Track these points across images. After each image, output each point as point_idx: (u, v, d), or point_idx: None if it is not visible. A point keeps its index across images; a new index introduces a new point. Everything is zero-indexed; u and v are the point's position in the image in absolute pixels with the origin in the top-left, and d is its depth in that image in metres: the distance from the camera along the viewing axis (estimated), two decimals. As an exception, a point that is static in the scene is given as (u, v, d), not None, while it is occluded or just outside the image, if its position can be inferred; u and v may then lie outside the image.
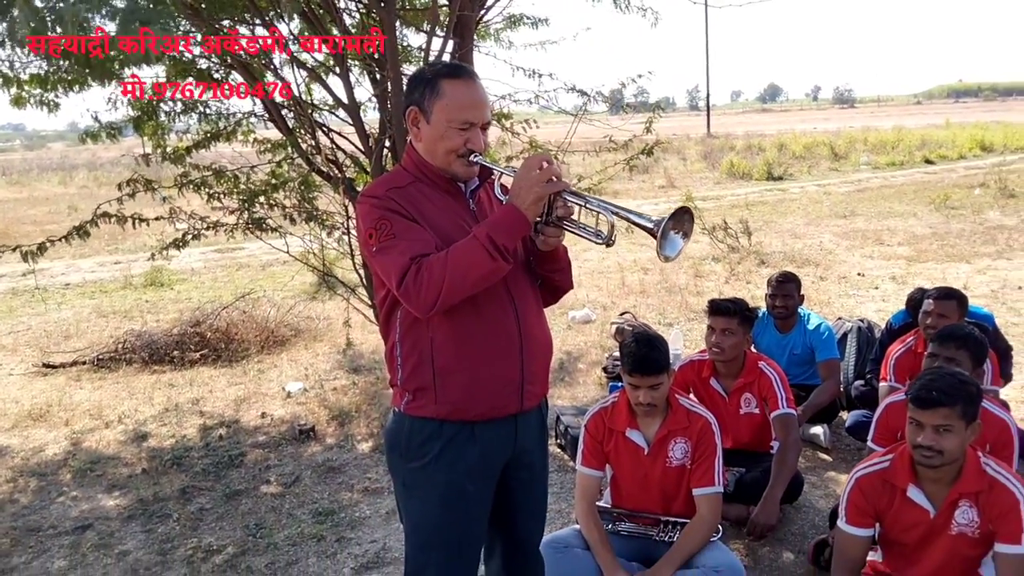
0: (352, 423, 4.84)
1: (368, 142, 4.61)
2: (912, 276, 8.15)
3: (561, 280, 2.21)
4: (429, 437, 2.05)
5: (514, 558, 2.34)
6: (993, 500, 2.47)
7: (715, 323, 3.65)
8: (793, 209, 13.91)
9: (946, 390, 2.42)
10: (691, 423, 3.06)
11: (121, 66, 4.40)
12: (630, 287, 8.38)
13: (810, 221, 12.41)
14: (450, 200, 2.08)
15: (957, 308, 3.85)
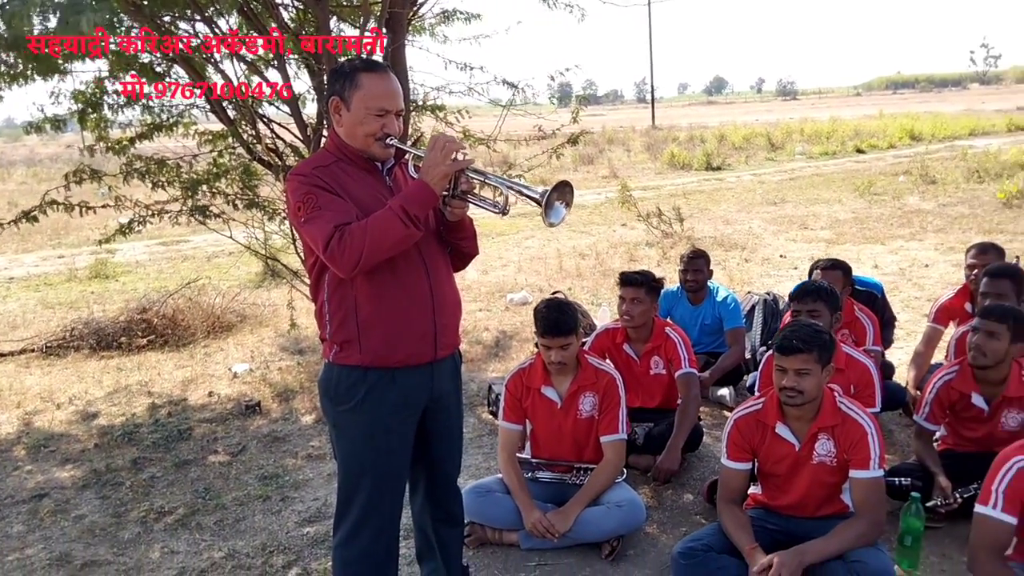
0: (296, 399, 5.13)
1: (307, 131, 4.88)
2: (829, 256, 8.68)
3: (468, 247, 2.55)
4: (355, 383, 2.37)
5: (433, 489, 2.68)
6: (846, 432, 2.89)
7: (625, 293, 4.03)
8: (727, 197, 14.49)
9: (804, 339, 2.82)
10: (598, 379, 3.43)
11: (64, 60, 4.61)
12: (567, 271, 8.77)
13: (742, 208, 12.98)
14: (369, 177, 2.40)
15: (842, 277, 4.30)
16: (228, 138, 5.31)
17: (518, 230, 11.75)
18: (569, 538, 3.22)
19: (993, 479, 2.59)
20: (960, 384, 3.43)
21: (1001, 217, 10.52)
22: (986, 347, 3.27)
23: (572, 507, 3.25)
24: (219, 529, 3.61)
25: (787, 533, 2.96)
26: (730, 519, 2.98)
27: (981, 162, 15.80)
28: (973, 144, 21.60)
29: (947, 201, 12.26)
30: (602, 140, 27.95)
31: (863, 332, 4.23)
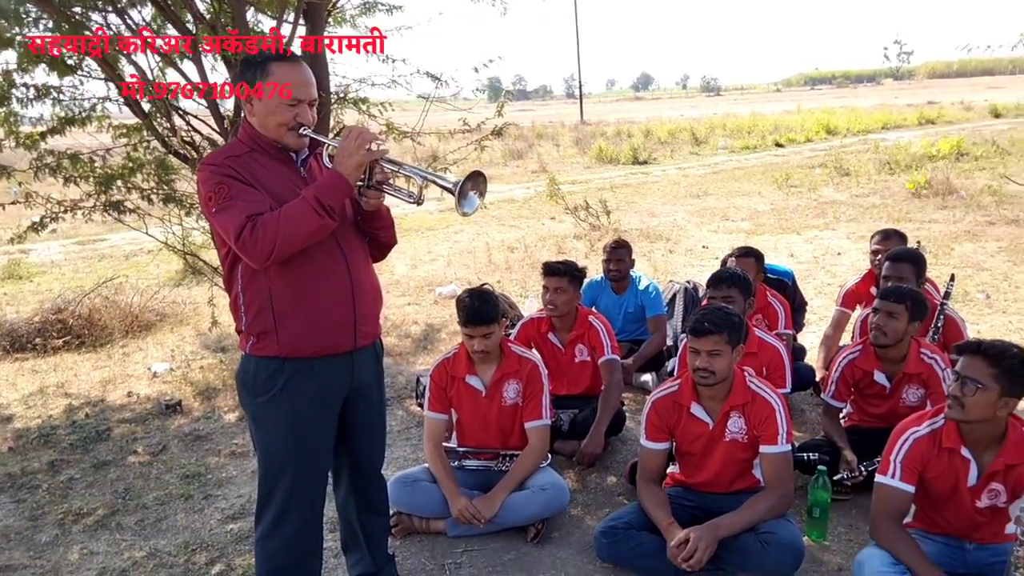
0: (218, 396, 5.04)
1: (224, 124, 4.79)
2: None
3: (386, 236, 2.56)
4: (273, 374, 2.37)
5: (357, 479, 2.70)
6: (756, 410, 3.02)
7: (549, 283, 4.09)
8: (653, 190, 14.76)
9: (715, 321, 2.94)
10: (521, 366, 3.49)
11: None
12: (496, 264, 8.82)
13: (667, 201, 13.25)
14: (283, 168, 2.39)
15: (755, 264, 4.47)
16: (143, 131, 5.17)
17: (448, 224, 11.75)
18: (495, 523, 3.27)
19: (891, 450, 2.74)
20: (863, 363, 3.61)
21: (910, 207, 11.01)
22: (886, 327, 3.45)
23: (498, 493, 3.31)
24: (140, 529, 3.54)
25: (703, 509, 3.08)
26: (649, 497, 3.09)
27: (892, 154, 16.48)
28: (885, 137, 22.51)
29: (859, 192, 12.76)
30: (532, 135, 28.10)
31: (775, 317, 4.41)
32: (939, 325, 3.97)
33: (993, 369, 2.50)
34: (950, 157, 15.67)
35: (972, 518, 2.70)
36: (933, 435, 2.70)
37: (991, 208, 10.39)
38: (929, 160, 15.50)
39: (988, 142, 17.43)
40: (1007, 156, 15.64)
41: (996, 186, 11.26)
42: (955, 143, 16.45)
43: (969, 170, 14.06)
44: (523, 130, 27.70)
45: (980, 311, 6.15)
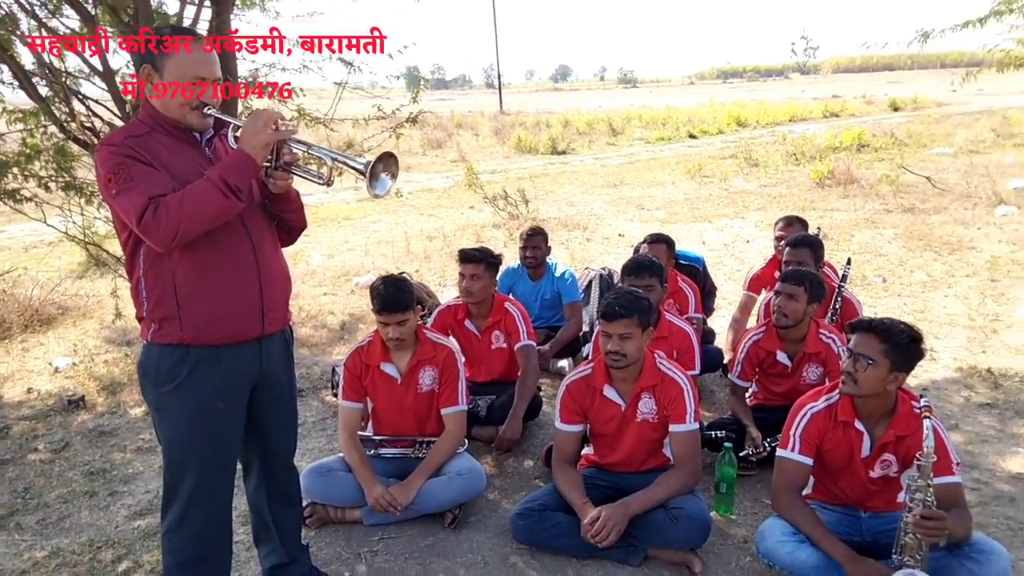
0: (124, 391, 4.86)
1: (126, 108, 4.61)
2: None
3: (294, 219, 2.52)
4: (177, 362, 2.30)
5: (268, 470, 2.65)
6: (665, 390, 3.11)
7: (465, 270, 4.10)
8: (571, 180, 14.93)
9: (625, 305, 3.00)
10: (437, 353, 3.49)
11: None
12: (415, 254, 8.77)
13: (584, 190, 13.42)
14: (187, 148, 2.32)
15: (666, 250, 4.58)
16: (40, 116, 4.92)
17: (365, 214, 11.61)
18: (412, 510, 3.27)
19: (791, 425, 2.87)
20: (767, 343, 3.76)
21: (814, 196, 11.46)
22: (786, 308, 3.60)
23: (414, 480, 3.30)
24: (41, 528, 3.39)
25: (616, 488, 3.15)
26: (564, 479, 3.14)
27: (798, 146, 17.08)
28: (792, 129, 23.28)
29: (767, 182, 13.21)
30: (451, 124, 27.97)
31: (685, 301, 4.53)
32: (837, 307, 4.16)
33: (883, 345, 2.64)
34: (852, 149, 16.37)
35: (866, 488, 2.85)
36: (829, 410, 2.83)
37: (889, 197, 10.91)
38: (832, 151, 16.15)
39: (887, 134, 18.28)
40: (904, 148, 16.43)
41: (894, 176, 11.81)
42: (856, 135, 17.17)
43: (869, 161, 14.71)
44: (442, 119, 27.56)
45: (877, 294, 6.46)
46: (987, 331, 5.53)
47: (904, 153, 15.43)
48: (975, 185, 11.12)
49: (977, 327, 5.61)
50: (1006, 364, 4.89)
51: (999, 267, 7.12)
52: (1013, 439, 3.98)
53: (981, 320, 5.75)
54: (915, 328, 2.70)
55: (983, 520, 3.25)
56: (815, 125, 24.82)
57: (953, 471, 2.66)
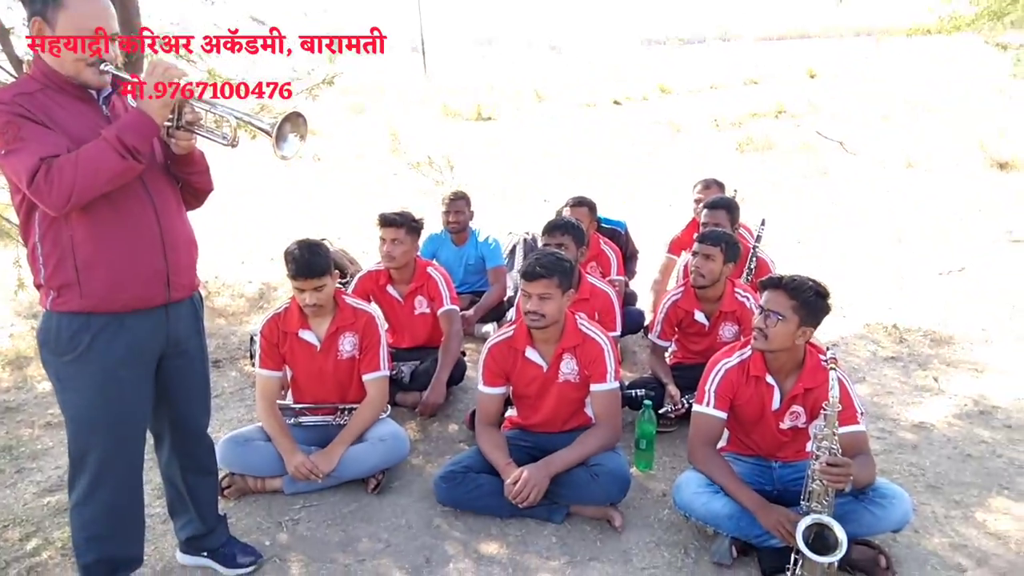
0: (31, 365, 4.65)
1: (22, 68, 4.34)
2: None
3: (200, 182, 2.42)
4: (78, 330, 2.20)
5: (180, 440, 2.58)
6: (586, 351, 3.14)
7: (385, 234, 4.04)
8: (497, 146, 14.84)
9: (545, 266, 3.01)
10: (357, 318, 3.43)
11: None
12: (337, 221, 8.61)
13: (510, 157, 13.37)
14: (83, 107, 2.19)
15: (588, 213, 4.61)
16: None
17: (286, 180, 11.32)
18: (334, 477, 3.23)
19: (706, 381, 2.94)
20: (684, 303, 3.83)
21: (735, 161, 11.71)
22: (703, 268, 3.67)
23: (336, 447, 3.26)
24: (-62, 513, 3.23)
25: (540, 448, 3.18)
26: (487, 440, 3.15)
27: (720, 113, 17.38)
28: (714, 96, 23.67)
29: (690, 148, 13.42)
30: (374, 90, 27.44)
31: (608, 264, 4.58)
32: (752, 266, 4.26)
33: (792, 301, 2.72)
34: (771, 115, 16.75)
35: (777, 439, 2.95)
36: (742, 365, 2.91)
37: (805, 162, 11.22)
38: (752, 118, 16.49)
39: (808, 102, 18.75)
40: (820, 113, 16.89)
41: (810, 142, 12.16)
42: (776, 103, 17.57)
43: (787, 128, 15.09)
44: (366, 85, 26.98)
45: (792, 255, 6.66)
46: (893, 289, 5.78)
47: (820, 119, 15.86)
48: (886, 149, 11.54)
49: (884, 285, 5.86)
50: (910, 320, 5.12)
51: (906, 228, 7.43)
52: (916, 390, 4.18)
53: (888, 278, 6.00)
54: (822, 284, 2.79)
55: (887, 467, 3.42)
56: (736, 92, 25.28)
57: (858, 420, 2.77)
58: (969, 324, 5.05)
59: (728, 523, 2.74)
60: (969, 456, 3.53)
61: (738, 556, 2.77)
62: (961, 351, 4.66)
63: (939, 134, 12.63)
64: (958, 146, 11.26)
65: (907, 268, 6.26)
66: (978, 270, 6.14)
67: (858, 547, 2.72)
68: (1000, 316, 5.17)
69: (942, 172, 10.02)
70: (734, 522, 2.73)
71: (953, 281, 5.93)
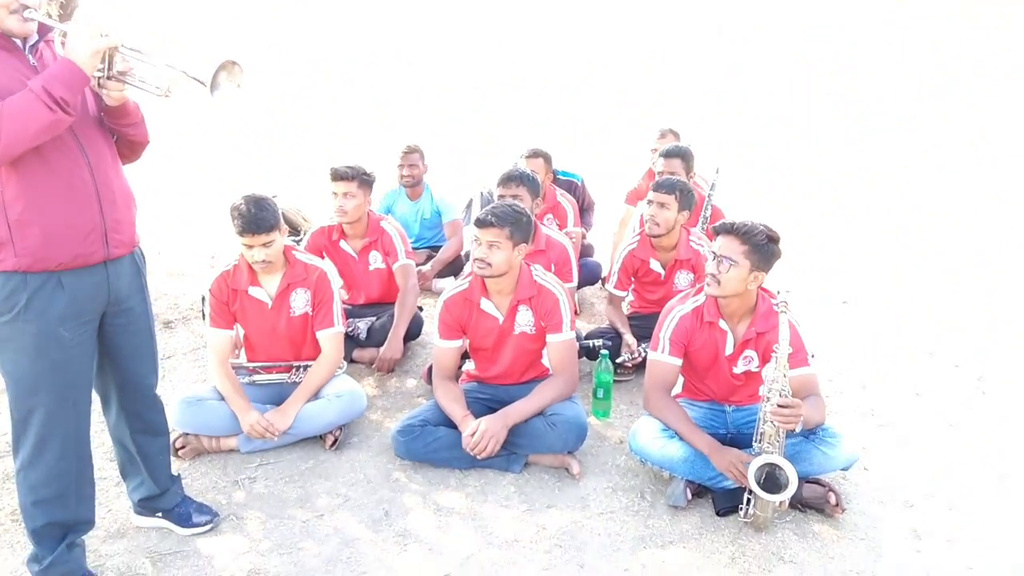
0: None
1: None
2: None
3: (135, 134, 2.33)
4: (14, 290, 2.12)
5: (128, 400, 2.52)
6: (542, 302, 3.13)
7: (337, 188, 3.94)
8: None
9: (499, 215, 2.98)
10: (308, 274, 3.36)
11: None
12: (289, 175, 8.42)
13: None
14: (7, 56, 2.08)
15: (543, 164, 4.57)
16: None
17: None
18: (291, 435, 3.21)
19: (660, 328, 2.96)
20: (640, 252, 3.84)
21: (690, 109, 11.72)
22: (658, 217, 3.67)
23: (291, 404, 3.22)
24: None
25: (498, 400, 3.19)
26: (444, 393, 3.15)
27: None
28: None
29: (654, 99, 13.38)
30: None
31: (564, 216, 4.57)
32: (707, 215, 4.28)
33: (744, 246, 2.74)
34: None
35: (730, 383, 2.99)
36: (695, 311, 2.93)
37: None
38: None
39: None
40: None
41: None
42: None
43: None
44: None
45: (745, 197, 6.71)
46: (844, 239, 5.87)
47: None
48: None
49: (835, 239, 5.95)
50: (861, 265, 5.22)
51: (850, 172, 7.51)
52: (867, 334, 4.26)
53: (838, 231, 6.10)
54: (772, 229, 2.80)
55: (837, 407, 3.50)
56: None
57: (807, 362, 2.82)
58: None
59: (683, 466, 2.78)
60: (918, 395, 3.62)
61: (692, 498, 2.83)
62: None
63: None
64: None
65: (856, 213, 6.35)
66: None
67: (809, 485, 2.80)
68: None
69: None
70: (688, 465, 2.78)
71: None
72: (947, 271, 5.24)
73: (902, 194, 7.20)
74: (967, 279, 5.11)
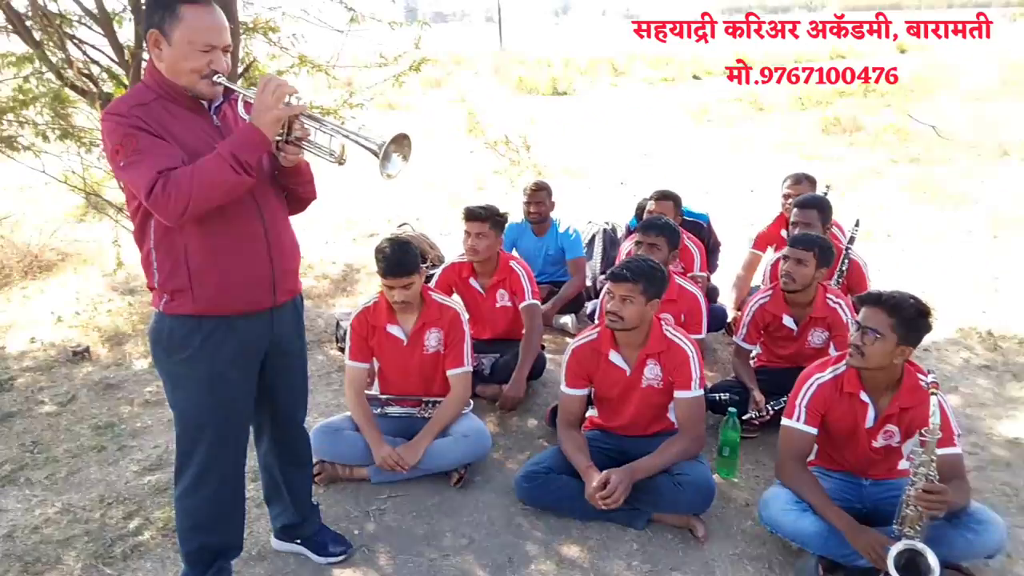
0: (128, 342, 4.87)
1: (124, 55, 4.50)
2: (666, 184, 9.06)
3: (305, 191, 2.49)
4: (189, 332, 2.30)
5: (279, 433, 2.68)
6: (671, 357, 3.12)
7: (470, 228, 4.07)
8: (573, 123, 14.72)
9: (634, 270, 3.00)
10: (442, 315, 3.49)
11: None
12: (415, 201, 8.69)
13: (586, 134, 13.25)
14: (195, 117, 2.26)
15: (673, 207, 4.55)
16: (35, 62, 4.80)
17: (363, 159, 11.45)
18: (419, 470, 3.31)
19: (797, 395, 2.89)
20: (773, 307, 3.76)
21: (819, 143, 11.35)
22: (795, 273, 3.59)
23: (421, 440, 3.34)
24: (51, 483, 3.43)
25: (621, 452, 3.19)
26: (568, 441, 3.18)
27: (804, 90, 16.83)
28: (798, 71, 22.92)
29: (773, 128, 13.05)
30: (450, 62, 27.43)
31: (691, 259, 4.52)
32: (844, 269, 4.15)
33: (891, 319, 2.64)
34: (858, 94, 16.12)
35: (868, 457, 2.89)
36: (835, 380, 2.85)
37: (895, 146, 10.80)
38: (839, 96, 15.91)
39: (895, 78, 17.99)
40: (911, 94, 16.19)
41: (900, 124, 11.68)
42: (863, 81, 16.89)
43: (876, 107, 14.52)
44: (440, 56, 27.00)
45: (881, 249, 6.45)
46: (988, 290, 5.54)
47: (911, 100, 15.21)
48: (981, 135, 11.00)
49: (979, 286, 5.62)
50: (1005, 325, 4.92)
51: (1002, 223, 7.10)
52: (1010, 403, 4.02)
53: (983, 278, 5.76)
54: (923, 303, 2.70)
55: (979, 485, 3.31)
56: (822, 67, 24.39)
57: (955, 443, 2.69)
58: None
59: (816, 542, 2.70)
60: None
61: (824, 574, 2.74)
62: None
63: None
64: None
65: (1003, 267, 5.99)
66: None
67: (948, 571, 2.66)
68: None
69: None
70: (822, 541, 2.69)
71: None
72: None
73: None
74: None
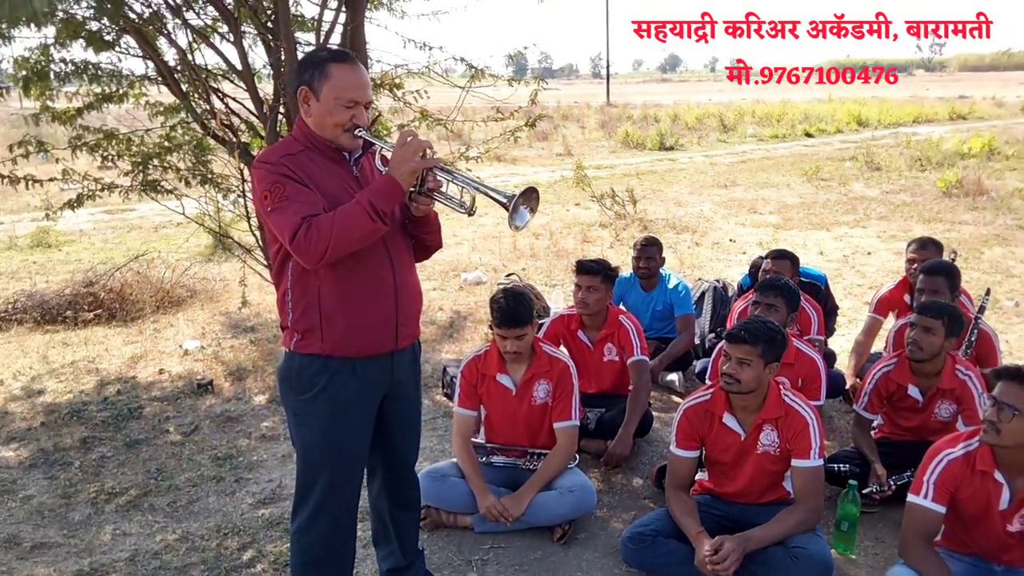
0: (249, 378, 5.10)
1: (262, 108, 4.80)
2: (777, 242, 8.89)
3: (432, 240, 2.58)
4: (316, 372, 2.40)
5: (392, 476, 2.73)
6: (789, 424, 3.02)
7: (581, 281, 4.09)
8: (680, 178, 14.68)
9: (752, 331, 2.93)
10: (552, 367, 3.50)
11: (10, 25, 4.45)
12: (521, 251, 8.81)
13: (693, 190, 13.17)
14: (336, 167, 2.40)
15: (790, 267, 4.45)
16: (181, 112, 5.20)
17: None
18: (522, 522, 3.30)
19: (925, 470, 2.74)
20: (898, 376, 3.59)
21: (940, 206, 10.87)
22: (923, 342, 3.43)
23: (525, 492, 3.33)
24: (172, 511, 3.60)
25: (732, 519, 3.09)
26: (678, 505, 3.10)
27: (924, 150, 16.27)
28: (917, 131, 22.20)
29: (890, 188, 12.62)
30: (557, 116, 27.95)
31: (808, 322, 4.39)
32: (972, 339, 3.94)
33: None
34: (981, 156, 15.44)
35: (1002, 540, 2.69)
36: (967, 457, 2.69)
37: (1021, 211, 10.24)
38: (960, 158, 15.29)
39: (1020, 141, 17.15)
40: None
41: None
42: (986, 141, 16.17)
43: (1000, 170, 13.86)
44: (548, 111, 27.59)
45: (1009, 319, 6.09)
46: None
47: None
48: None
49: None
50: None
51: None
52: None
53: None
54: (1069, 379, 2.52)
55: None
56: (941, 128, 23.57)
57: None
58: None
59: (945, 630, 2.53)
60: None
61: (952, 665, 2.55)
62: None
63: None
64: None
65: None
66: None
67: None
68: None
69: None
70: (952, 630, 2.52)
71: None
72: None
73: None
74: None
